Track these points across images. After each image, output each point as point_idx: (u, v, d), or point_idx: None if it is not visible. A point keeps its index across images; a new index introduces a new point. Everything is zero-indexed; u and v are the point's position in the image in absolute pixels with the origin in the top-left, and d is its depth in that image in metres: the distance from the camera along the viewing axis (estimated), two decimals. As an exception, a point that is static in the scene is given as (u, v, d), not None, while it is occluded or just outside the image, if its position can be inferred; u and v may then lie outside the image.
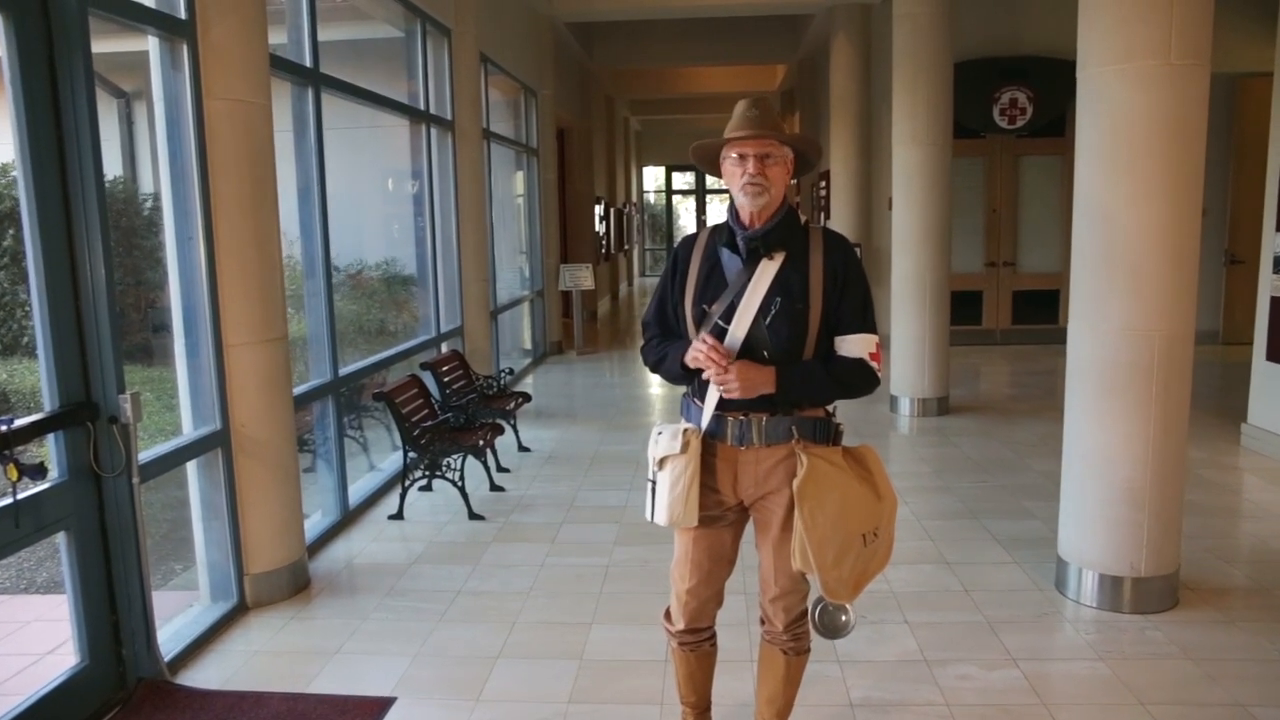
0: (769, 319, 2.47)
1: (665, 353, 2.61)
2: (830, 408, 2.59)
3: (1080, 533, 4.03)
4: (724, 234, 2.57)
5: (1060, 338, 4.63)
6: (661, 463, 2.56)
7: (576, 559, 4.68)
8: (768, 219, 2.51)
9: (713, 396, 2.52)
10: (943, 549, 4.70)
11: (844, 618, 2.60)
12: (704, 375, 2.49)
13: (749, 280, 2.49)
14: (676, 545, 2.70)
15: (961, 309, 10.80)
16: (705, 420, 2.55)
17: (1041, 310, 11.50)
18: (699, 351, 2.45)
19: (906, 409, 7.82)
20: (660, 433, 2.60)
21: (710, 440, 2.56)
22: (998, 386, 9.31)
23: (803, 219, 2.58)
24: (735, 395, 2.45)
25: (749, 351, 2.48)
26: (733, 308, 2.49)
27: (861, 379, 2.50)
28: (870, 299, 2.56)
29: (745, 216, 2.52)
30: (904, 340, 7.80)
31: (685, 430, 2.55)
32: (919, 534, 4.93)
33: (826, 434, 2.54)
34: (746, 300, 2.48)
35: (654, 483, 2.58)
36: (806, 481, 2.42)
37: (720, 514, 2.61)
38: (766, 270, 2.49)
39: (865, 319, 2.52)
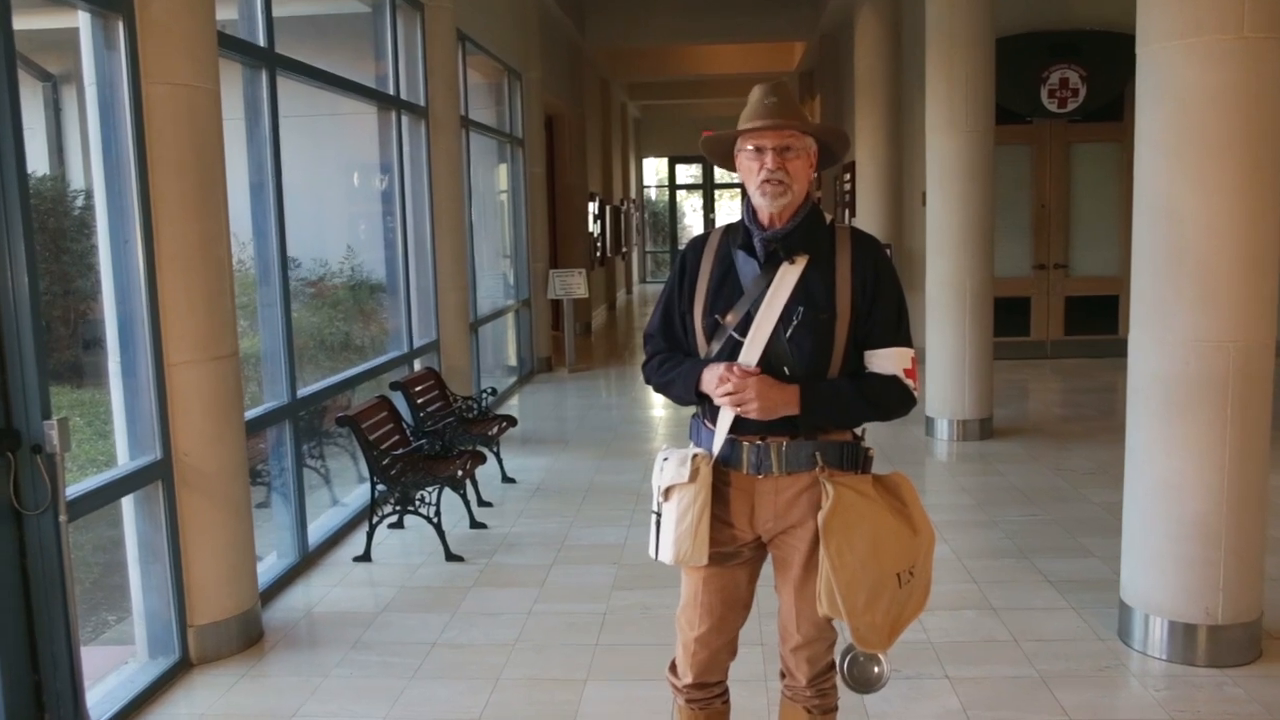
0: (790, 331, 2.46)
1: (675, 375, 2.60)
2: (858, 431, 2.58)
3: (1146, 574, 4.00)
4: (739, 235, 2.57)
5: (1120, 350, 4.62)
6: (667, 493, 2.55)
7: (568, 606, 4.66)
8: (789, 218, 2.52)
9: (726, 418, 2.51)
10: (987, 592, 4.68)
11: (877, 669, 2.57)
12: (716, 394, 2.47)
13: (767, 287, 2.49)
14: (684, 587, 2.68)
15: (1007, 318, 10.78)
16: (717, 444, 2.53)
17: (1098, 319, 11.50)
18: (726, 385, 2.43)
19: (944, 432, 7.80)
20: (666, 459, 2.59)
21: (723, 467, 2.55)
22: (1048, 406, 9.28)
23: (828, 217, 2.59)
24: (753, 416, 2.44)
25: (767, 368, 2.47)
26: (749, 318, 2.49)
27: (896, 398, 2.50)
28: (905, 308, 2.56)
29: (764, 216, 2.53)
30: (941, 354, 7.79)
31: (694, 456, 2.54)
32: (960, 575, 4.91)
33: (855, 460, 2.53)
34: (765, 310, 2.47)
35: (659, 515, 2.57)
36: (833, 514, 2.41)
37: (734, 551, 2.60)
38: (787, 276, 2.49)
39: (899, 331, 2.52)
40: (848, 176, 13.32)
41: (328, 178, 7.90)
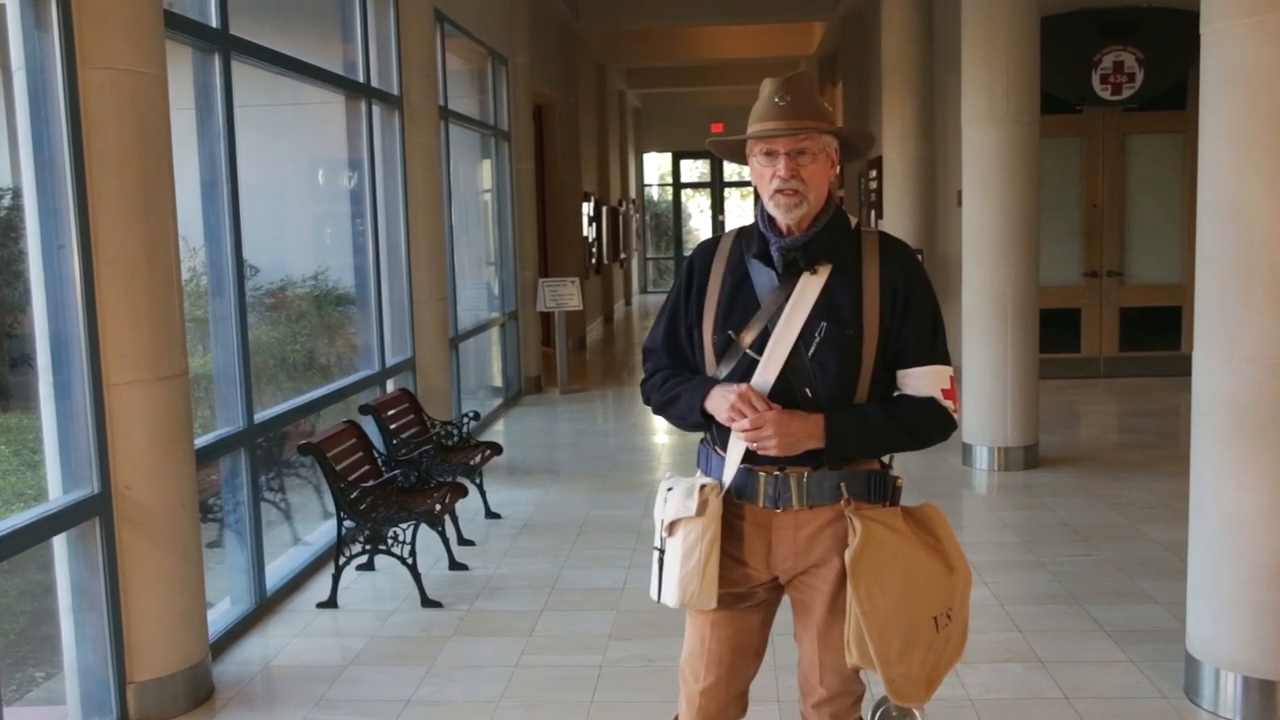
0: (812, 349, 2.47)
1: (677, 394, 2.61)
2: (886, 458, 2.60)
3: (1216, 623, 3.97)
4: (754, 242, 2.59)
5: (1183, 368, 4.61)
6: (671, 527, 2.55)
7: (560, 657, 4.65)
8: (809, 224, 2.54)
9: (737, 445, 2.52)
10: (1034, 643, 4.66)
11: None
12: (732, 428, 2.48)
13: (786, 300, 2.50)
14: (689, 633, 2.69)
15: (1054, 332, 10.76)
16: (729, 474, 2.54)
17: (1158, 333, 11.49)
18: (738, 411, 2.44)
19: (984, 461, 7.78)
20: (670, 489, 2.59)
21: (735, 499, 2.56)
22: (1102, 431, 9.26)
23: (853, 221, 2.60)
24: (771, 453, 2.45)
25: (787, 391, 2.48)
26: (765, 335, 2.50)
27: (934, 423, 2.53)
28: (940, 321, 2.58)
29: (781, 223, 2.55)
30: (980, 374, 7.77)
31: (703, 486, 2.54)
32: (1003, 623, 4.88)
33: (883, 491, 2.54)
34: (783, 326, 2.48)
35: (662, 552, 2.57)
36: (862, 552, 2.41)
37: (747, 592, 2.61)
38: (808, 288, 2.50)
39: (935, 347, 2.54)
40: (873, 174, 13.35)
41: (290, 175, 7.91)
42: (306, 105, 7.30)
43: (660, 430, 9.62)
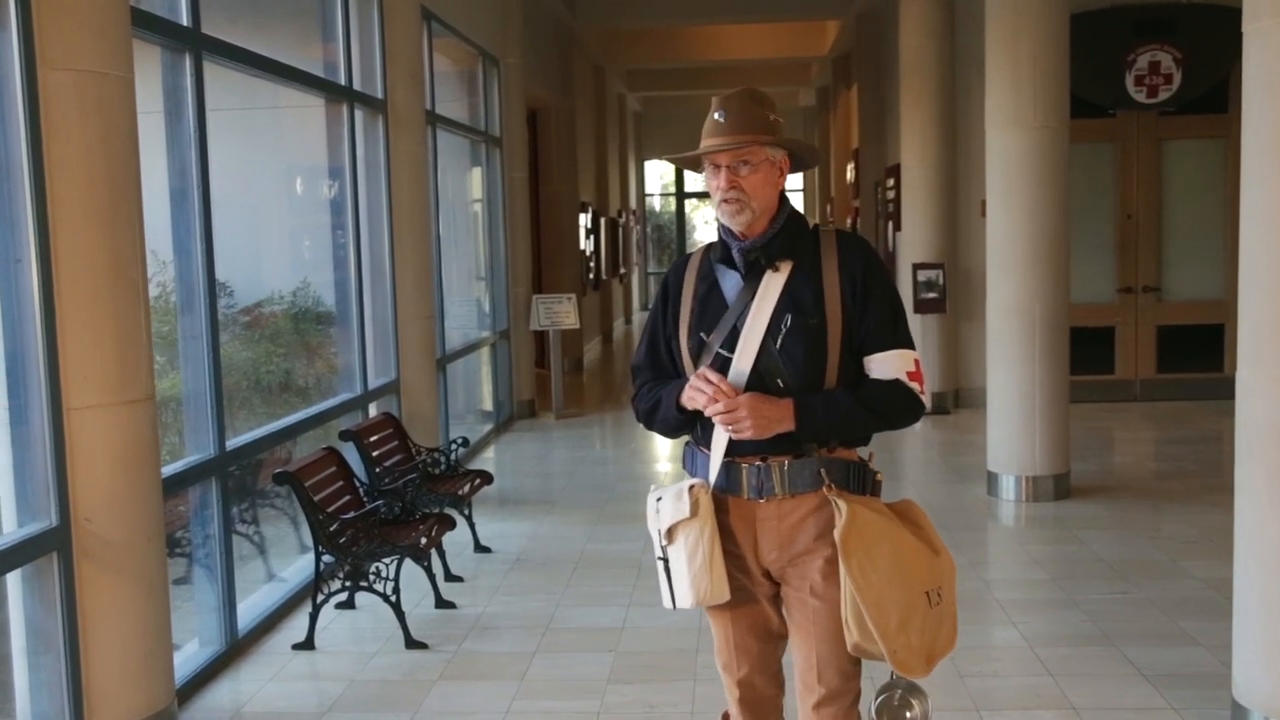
0: (779, 341, 2.79)
1: (659, 397, 2.94)
2: (865, 453, 2.91)
3: (1265, 667, 3.95)
4: (719, 250, 2.94)
5: (1226, 391, 4.60)
6: (670, 533, 2.85)
7: (554, 703, 4.65)
8: (765, 227, 2.86)
9: (721, 440, 2.82)
10: (1066, 688, 4.64)
11: (910, 714, 2.81)
12: (707, 413, 2.77)
13: (752, 298, 2.82)
14: (715, 631, 2.99)
15: (1086, 352, 10.77)
16: (713, 470, 2.85)
17: (1199, 353, 11.49)
18: (696, 389, 2.76)
19: (1011, 491, 7.76)
20: (659, 499, 2.90)
21: (720, 495, 2.86)
22: (1139, 459, 9.25)
23: (811, 222, 2.94)
24: (747, 436, 2.74)
25: (760, 383, 2.78)
26: (736, 332, 2.82)
27: (900, 404, 2.84)
28: (901, 308, 2.91)
29: (737, 230, 2.88)
30: (1005, 396, 7.76)
31: (691, 487, 2.84)
32: (1033, 666, 4.87)
33: (862, 482, 2.86)
34: (751, 321, 2.81)
35: (665, 560, 2.87)
36: (849, 532, 2.69)
37: (752, 581, 2.90)
38: (772, 284, 2.83)
39: (896, 331, 2.86)
40: (891, 183, 13.36)
41: (265, 184, 7.92)
42: (284, 109, 7.32)
43: (662, 458, 9.61)
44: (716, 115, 2.83)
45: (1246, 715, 4.02)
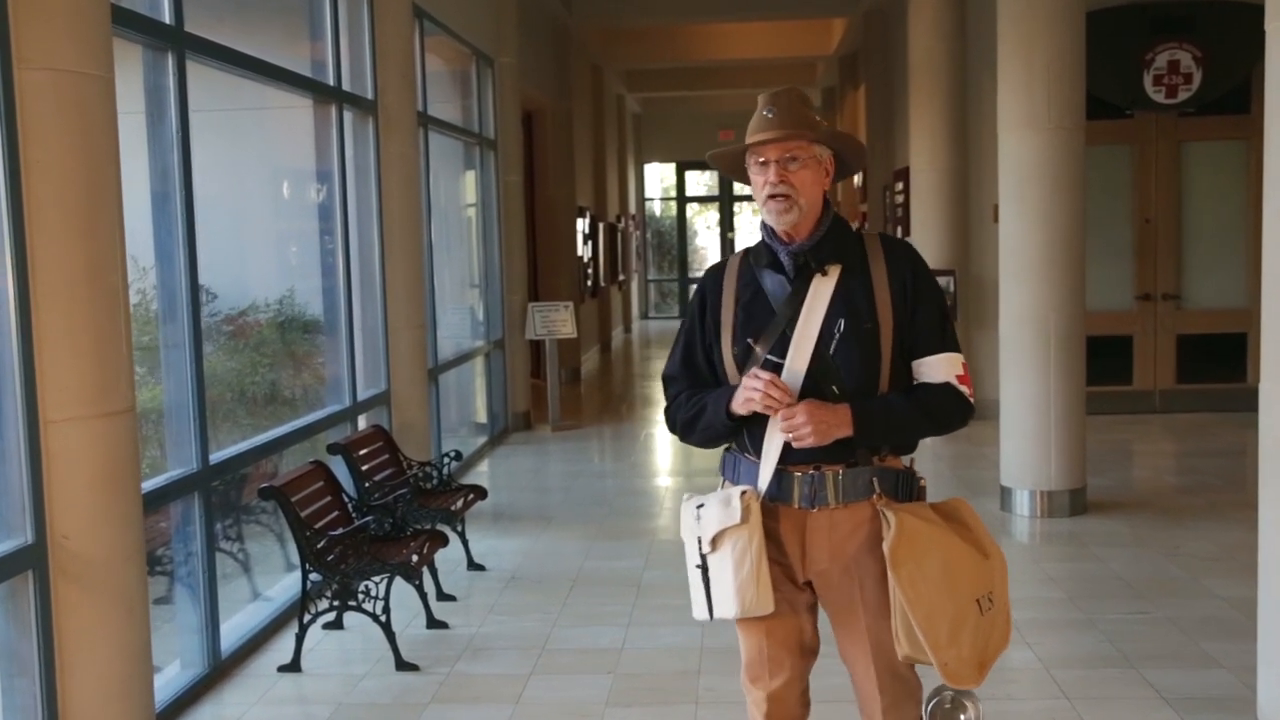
0: (833, 346, 2.86)
1: (703, 404, 2.98)
2: (908, 460, 3.00)
3: (1288, 688, 3.95)
4: (762, 255, 2.98)
5: (1249, 403, 4.60)
6: (715, 540, 2.87)
7: (551, 730, 4.63)
8: (811, 229, 2.93)
9: (774, 447, 2.87)
10: (1084, 711, 4.63)
11: (964, 716, 2.88)
12: (772, 416, 2.82)
13: (802, 303, 2.88)
14: (744, 643, 3.05)
15: (1103, 363, 10.77)
16: (765, 477, 2.89)
17: (1220, 363, 11.51)
18: (754, 390, 2.79)
19: (1025, 507, 7.76)
20: (702, 505, 2.94)
21: (769, 503, 2.91)
22: (1158, 474, 9.24)
23: (854, 226, 3.05)
24: (808, 443, 2.79)
25: (814, 390, 2.85)
26: (785, 339, 2.87)
27: (952, 406, 2.93)
28: (948, 311, 3.02)
29: (782, 233, 2.94)
30: (1019, 409, 7.76)
31: (743, 494, 2.87)
32: (1048, 689, 4.87)
33: (910, 489, 2.95)
34: (802, 327, 2.86)
35: (705, 569, 2.91)
36: (899, 543, 2.76)
37: (793, 593, 2.97)
38: (821, 289, 2.89)
39: (945, 335, 2.96)
40: (899, 186, 13.38)
41: (251, 188, 7.92)
42: (270, 110, 7.32)
43: (663, 472, 9.60)
44: (765, 111, 2.88)
45: (1271, 740, 4.02)
